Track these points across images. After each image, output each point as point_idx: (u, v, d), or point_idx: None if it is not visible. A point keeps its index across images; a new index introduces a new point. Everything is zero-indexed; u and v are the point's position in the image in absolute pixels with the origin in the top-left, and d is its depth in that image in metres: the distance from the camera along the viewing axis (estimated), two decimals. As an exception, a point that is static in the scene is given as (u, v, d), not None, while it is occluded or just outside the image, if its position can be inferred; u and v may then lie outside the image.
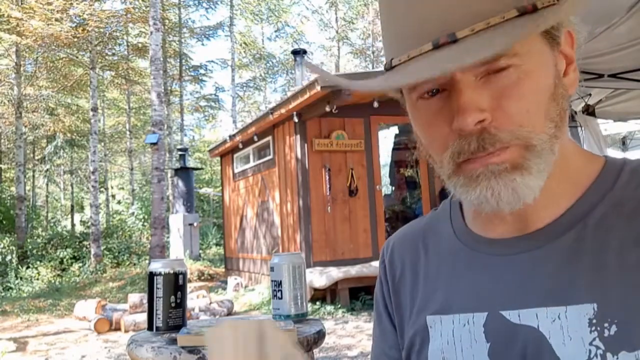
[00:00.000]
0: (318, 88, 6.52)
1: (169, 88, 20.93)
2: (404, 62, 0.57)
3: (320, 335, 1.32)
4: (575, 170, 0.64)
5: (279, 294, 1.43)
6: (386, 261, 0.80)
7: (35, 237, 17.17)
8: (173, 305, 1.35)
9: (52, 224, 22.69)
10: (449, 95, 0.57)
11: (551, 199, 0.62)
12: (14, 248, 14.47)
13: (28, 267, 13.22)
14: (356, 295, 7.25)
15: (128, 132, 23.85)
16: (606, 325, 0.53)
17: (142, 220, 18.69)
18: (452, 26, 0.53)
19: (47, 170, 24.43)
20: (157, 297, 1.34)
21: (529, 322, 0.58)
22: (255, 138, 9.21)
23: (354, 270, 7.03)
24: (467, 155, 0.57)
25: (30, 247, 15.09)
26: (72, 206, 25.79)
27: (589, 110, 4.64)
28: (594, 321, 0.54)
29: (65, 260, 14.09)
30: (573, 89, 0.62)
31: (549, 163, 0.58)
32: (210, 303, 7.33)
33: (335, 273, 6.92)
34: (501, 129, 0.56)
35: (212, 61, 27.25)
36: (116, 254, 14.71)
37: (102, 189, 23.80)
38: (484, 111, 0.55)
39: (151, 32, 10.86)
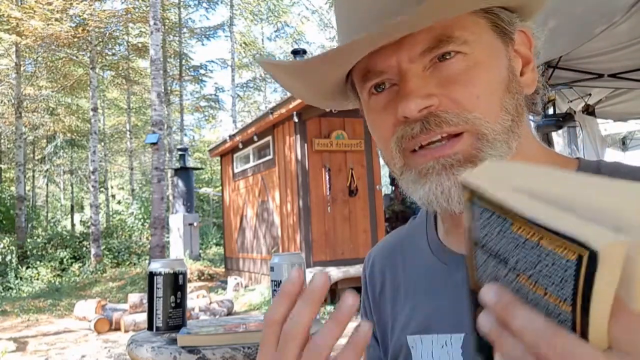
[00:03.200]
0: (318, 88, 6.52)
1: (169, 88, 20.93)
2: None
3: (320, 335, 1.32)
4: None
5: (279, 294, 1.43)
6: (367, 275, 0.79)
7: (35, 237, 17.16)
8: (173, 305, 1.34)
9: (52, 224, 22.69)
10: (397, 89, 0.57)
11: None
12: (14, 248, 14.46)
13: (28, 267, 13.22)
14: (356, 295, 7.25)
15: (128, 132, 23.86)
16: None
17: (142, 220, 18.69)
18: (400, 12, 0.53)
19: (47, 170, 24.44)
20: (157, 297, 1.34)
21: None
22: (255, 138, 9.21)
23: (353, 270, 7.03)
24: (409, 137, 0.56)
25: (30, 247, 15.08)
26: (72, 206, 25.80)
27: (589, 110, 4.64)
28: None
29: (65, 260, 14.10)
30: (531, 89, 0.62)
31: (504, 157, 0.56)
32: (210, 303, 7.32)
33: (335, 273, 6.92)
34: (448, 111, 0.55)
35: (212, 61, 27.26)
36: (116, 254, 14.72)
37: (102, 189, 23.81)
38: (430, 97, 0.55)
39: (151, 32, 10.85)
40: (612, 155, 6.44)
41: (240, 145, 9.90)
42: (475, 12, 0.56)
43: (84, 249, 15.27)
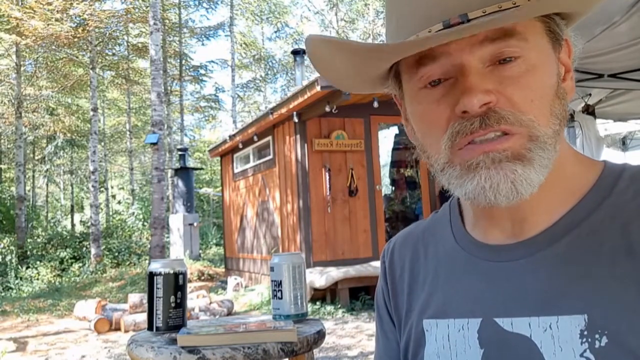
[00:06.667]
0: (318, 88, 6.52)
1: (169, 88, 20.92)
2: None
3: (320, 335, 1.32)
4: (572, 176, 0.63)
5: (279, 294, 1.43)
6: (386, 262, 0.80)
7: (35, 237, 17.17)
8: (173, 305, 1.35)
9: (52, 224, 22.69)
10: (454, 83, 0.57)
11: (548, 205, 0.61)
12: (14, 248, 14.46)
13: (28, 267, 13.21)
14: (356, 295, 7.25)
15: (128, 132, 23.86)
16: (597, 336, 0.53)
17: (142, 220, 18.70)
18: (464, 8, 0.54)
19: (47, 170, 24.43)
20: (157, 297, 1.34)
21: (521, 330, 0.58)
22: (255, 138, 9.21)
23: (353, 270, 7.03)
24: (466, 133, 0.56)
25: (30, 247, 15.08)
26: (72, 206, 25.80)
27: (589, 110, 4.64)
28: (585, 332, 0.54)
29: (65, 260, 14.09)
30: (570, 96, 0.63)
31: (551, 160, 0.57)
32: (210, 303, 7.32)
33: (335, 273, 6.92)
34: (505, 109, 0.56)
35: (212, 61, 27.25)
36: (116, 254, 14.71)
37: (102, 189, 23.80)
38: (489, 93, 0.55)
39: (151, 32, 10.86)
40: (611, 155, 6.44)
41: (240, 145, 9.90)
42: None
43: (84, 249, 15.26)
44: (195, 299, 7.22)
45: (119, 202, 24.11)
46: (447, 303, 0.67)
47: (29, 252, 14.57)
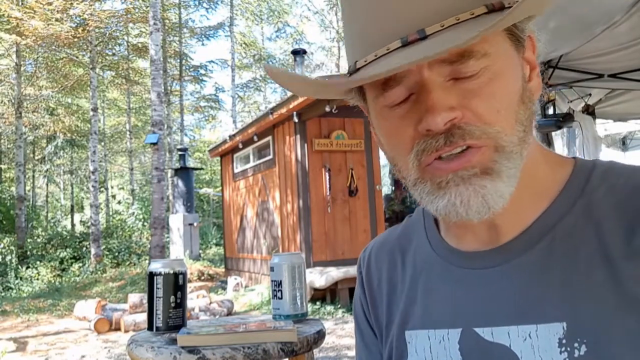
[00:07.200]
0: (318, 88, 6.52)
1: (169, 88, 20.92)
2: (371, 62, 0.55)
3: (320, 335, 1.32)
4: (543, 177, 0.62)
5: (279, 294, 1.43)
6: (363, 272, 0.79)
7: (35, 237, 17.17)
8: (173, 305, 1.34)
9: (52, 224, 22.69)
10: (416, 99, 0.55)
11: (520, 208, 0.60)
12: (14, 248, 14.46)
13: (28, 267, 13.22)
14: (356, 295, 7.25)
15: (128, 132, 23.86)
16: (576, 345, 0.53)
17: (142, 220, 18.69)
18: (421, 23, 0.52)
19: (47, 170, 24.43)
20: (157, 297, 1.34)
21: (501, 340, 0.58)
22: (255, 138, 9.21)
23: (353, 270, 7.03)
24: (432, 150, 0.55)
25: (30, 247, 15.09)
26: (72, 206, 25.81)
27: (589, 110, 4.64)
28: (564, 341, 0.53)
29: (65, 260, 14.10)
30: (537, 94, 0.61)
31: (519, 168, 0.56)
32: (210, 303, 7.32)
33: (335, 273, 6.92)
34: (471, 124, 0.54)
35: (212, 61, 27.25)
36: (116, 254, 14.72)
37: (102, 189, 23.80)
38: (454, 109, 0.53)
39: (151, 32, 10.86)
40: (611, 155, 6.44)
41: (240, 145, 9.90)
42: None
43: (84, 249, 15.27)
44: (195, 299, 7.22)
45: (119, 202, 24.11)
46: (426, 313, 0.66)
47: (29, 252, 14.57)
